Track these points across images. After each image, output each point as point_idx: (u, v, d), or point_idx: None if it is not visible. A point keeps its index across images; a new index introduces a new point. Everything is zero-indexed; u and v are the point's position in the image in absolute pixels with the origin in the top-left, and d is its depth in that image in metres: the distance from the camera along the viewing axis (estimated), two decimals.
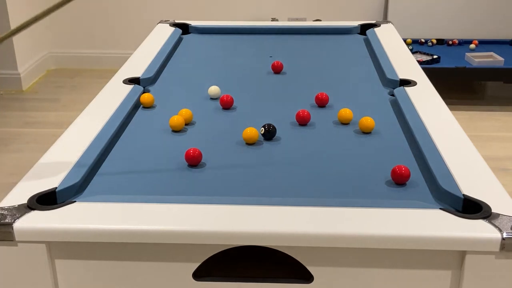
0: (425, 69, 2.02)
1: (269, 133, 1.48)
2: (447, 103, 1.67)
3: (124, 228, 1.07)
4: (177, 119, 1.53)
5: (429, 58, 3.77)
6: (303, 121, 1.57)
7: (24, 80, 4.20)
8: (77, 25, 4.52)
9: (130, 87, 1.78)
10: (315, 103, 1.72)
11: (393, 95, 1.76)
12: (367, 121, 1.52)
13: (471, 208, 1.13)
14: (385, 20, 3.77)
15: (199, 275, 1.11)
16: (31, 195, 1.16)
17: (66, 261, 1.10)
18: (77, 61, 4.63)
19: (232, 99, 1.69)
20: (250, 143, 1.46)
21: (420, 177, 1.29)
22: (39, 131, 3.51)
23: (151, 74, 1.91)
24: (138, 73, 1.91)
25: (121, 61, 2.22)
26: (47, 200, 1.16)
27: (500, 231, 1.03)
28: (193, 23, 2.55)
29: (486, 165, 1.29)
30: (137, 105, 1.71)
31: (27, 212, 1.10)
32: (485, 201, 1.13)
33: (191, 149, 1.35)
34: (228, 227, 1.06)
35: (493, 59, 3.77)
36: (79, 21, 4.51)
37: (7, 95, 4.09)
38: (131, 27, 4.51)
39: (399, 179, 1.25)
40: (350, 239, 1.05)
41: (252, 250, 1.08)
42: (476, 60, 3.72)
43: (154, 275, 1.11)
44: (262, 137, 1.49)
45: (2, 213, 1.09)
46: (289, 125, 1.57)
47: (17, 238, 1.06)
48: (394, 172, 1.26)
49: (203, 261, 1.09)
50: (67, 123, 1.81)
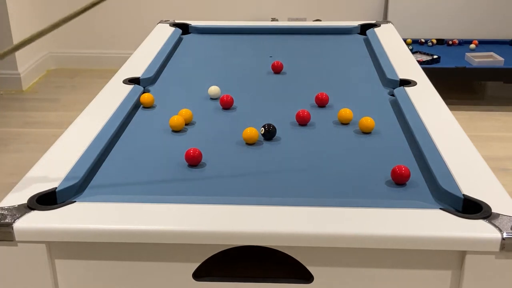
0: (425, 69, 2.02)
1: (269, 133, 1.48)
2: (447, 103, 1.67)
3: (124, 228, 1.07)
4: (177, 119, 1.53)
5: (429, 58, 3.76)
6: (303, 121, 1.57)
7: (24, 80, 4.20)
8: (77, 25, 4.52)
9: (130, 87, 1.78)
10: (315, 103, 1.72)
11: (393, 95, 1.76)
12: (367, 121, 1.51)
13: (471, 208, 1.13)
14: (385, 20, 3.77)
15: (199, 275, 1.11)
16: (31, 195, 1.15)
17: (66, 261, 1.10)
18: (77, 61, 4.62)
19: (232, 99, 1.69)
20: (250, 143, 1.46)
21: (420, 177, 1.29)
22: (39, 131, 3.51)
23: (151, 74, 1.91)
24: (138, 73, 1.91)
25: (121, 61, 2.22)
26: (47, 200, 1.16)
27: (500, 231, 1.03)
28: (193, 23, 2.55)
29: (486, 165, 1.29)
30: (137, 105, 1.71)
31: (27, 212, 1.10)
32: (485, 201, 1.13)
33: (191, 149, 1.35)
34: (228, 227, 1.06)
35: (493, 59, 3.77)
36: (79, 21, 4.50)
37: (7, 95, 4.09)
38: (131, 27, 4.51)
39: (399, 179, 1.25)
40: (350, 239, 1.05)
41: (252, 250, 1.08)
42: (476, 60, 3.72)
43: (154, 275, 1.11)
44: (262, 137, 1.49)
45: (2, 213, 1.09)
46: (289, 125, 1.57)
47: (17, 238, 1.06)
48: (394, 172, 1.26)
49: (203, 261, 1.09)
50: (67, 123, 1.81)
